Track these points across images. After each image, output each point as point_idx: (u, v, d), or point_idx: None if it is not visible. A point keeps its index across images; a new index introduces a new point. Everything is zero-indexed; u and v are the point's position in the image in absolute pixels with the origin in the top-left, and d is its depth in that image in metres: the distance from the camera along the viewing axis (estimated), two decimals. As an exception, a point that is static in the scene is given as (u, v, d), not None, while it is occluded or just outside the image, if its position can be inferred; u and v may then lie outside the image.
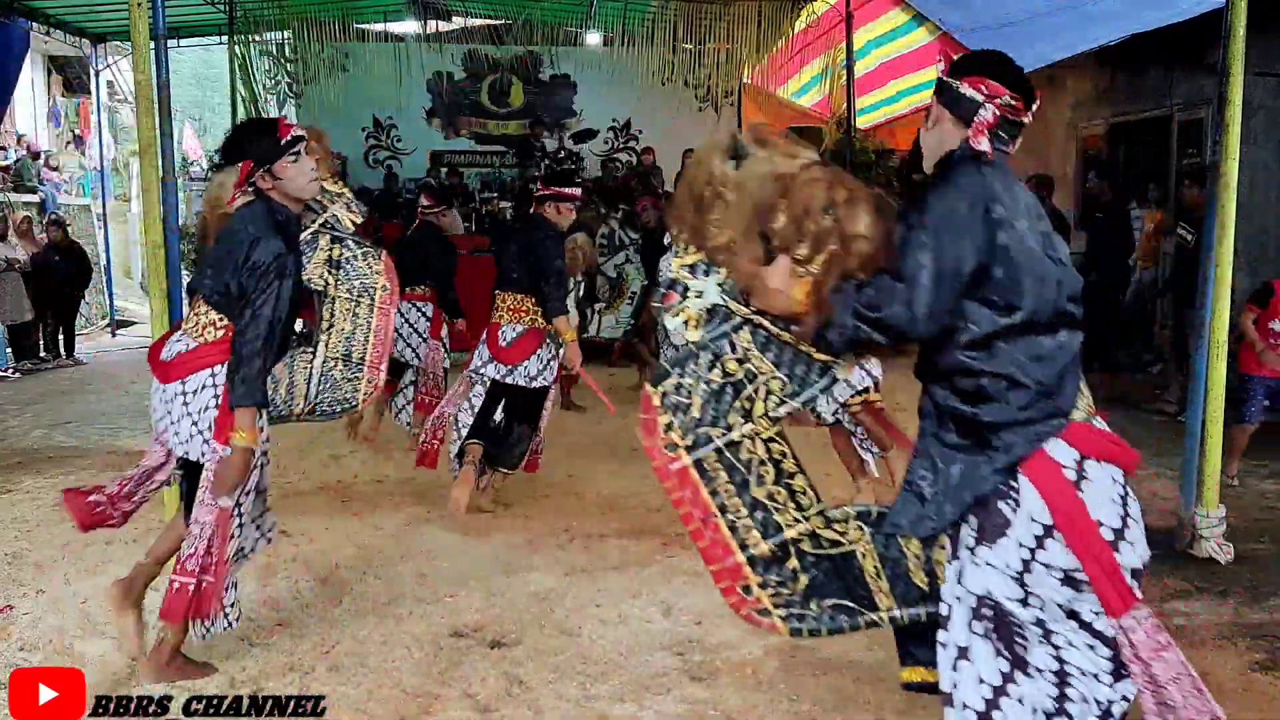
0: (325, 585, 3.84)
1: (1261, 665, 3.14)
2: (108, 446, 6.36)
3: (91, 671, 3.04)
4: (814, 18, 11.46)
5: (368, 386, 3.56)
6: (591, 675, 3.09)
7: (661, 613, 3.58)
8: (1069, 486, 1.81)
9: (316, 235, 3.60)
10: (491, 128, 13.21)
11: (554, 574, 3.95)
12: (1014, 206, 1.85)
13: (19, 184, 13.30)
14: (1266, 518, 4.69)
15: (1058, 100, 11.02)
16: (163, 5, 3.84)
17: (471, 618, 3.53)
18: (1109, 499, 1.82)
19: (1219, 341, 4.02)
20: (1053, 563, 1.83)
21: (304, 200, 3.08)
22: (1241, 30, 3.89)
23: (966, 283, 1.83)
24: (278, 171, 2.93)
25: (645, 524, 4.60)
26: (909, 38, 10.76)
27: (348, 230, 3.62)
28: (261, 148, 2.92)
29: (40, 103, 16.93)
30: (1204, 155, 8.46)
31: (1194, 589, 3.78)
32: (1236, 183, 3.96)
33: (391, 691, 2.97)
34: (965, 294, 1.84)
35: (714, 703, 2.92)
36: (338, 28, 12.22)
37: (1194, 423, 4.12)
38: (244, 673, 3.08)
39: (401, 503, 4.98)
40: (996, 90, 1.94)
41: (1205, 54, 8.25)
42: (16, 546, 4.31)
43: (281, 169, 2.93)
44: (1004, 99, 1.93)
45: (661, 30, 12.18)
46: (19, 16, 10.78)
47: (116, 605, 3.00)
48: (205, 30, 12.20)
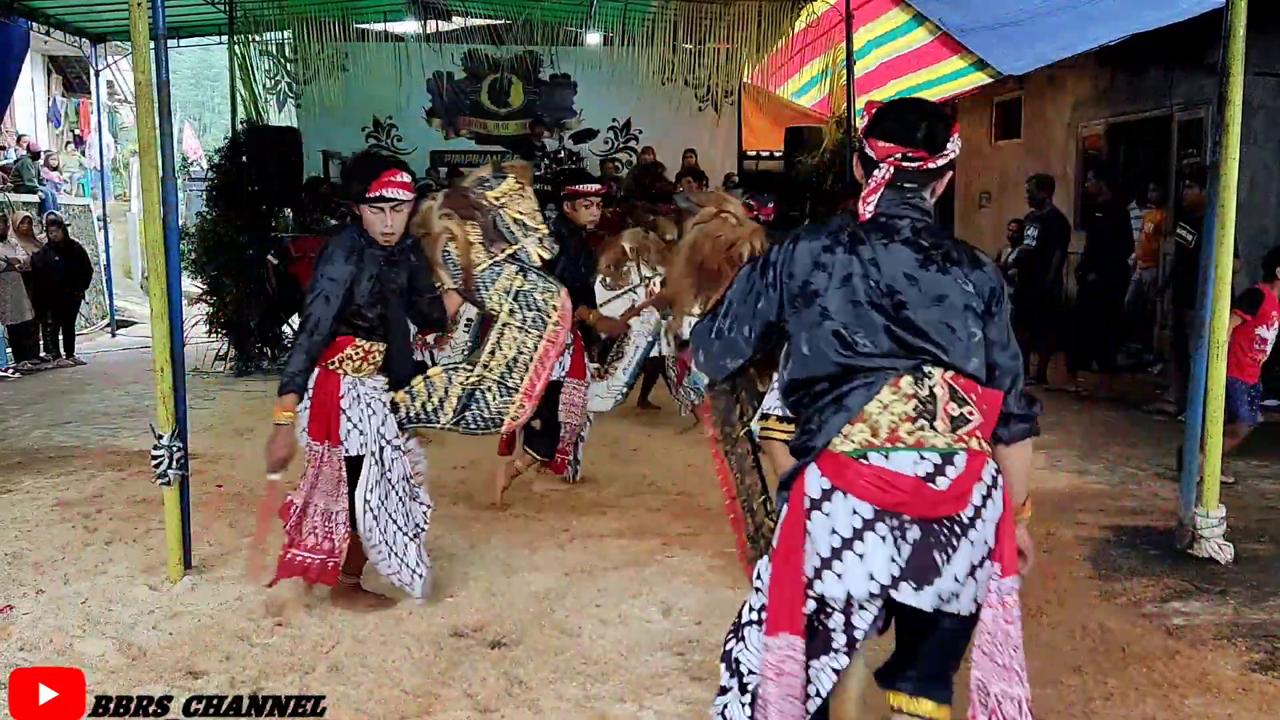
0: (325, 585, 3.84)
1: (1261, 665, 3.14)
2: (108, 446, 6.37)
3: (91, 671, 3.04)
4: (814, 18, 11.45)
5: (517, 410, 3.70)
6: (591, 675, 3.09)
7: (661, 613, 3.58)
8: (794, 509, 2.00)
9: (502, 264, 3.74)
10: (491, 128, 13.21)
11: (554, 574, 3.95)
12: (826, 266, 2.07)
13: (19, 184, 13.30)
14: (1266, 518, 4.69)
15: (1058, 100, 11.02)
16: (163, 5, 3.84)
17: (471, 618, 3.53)
18: (831, 529, 1.95)
19: (1219, 341, 4.02)
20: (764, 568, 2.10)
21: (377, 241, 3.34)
22: (1241, 30, 3.89)
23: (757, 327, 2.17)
24: (360, 210, 3.31)
25: (645, 524, 4.60)
26: (909, 38, 10.75)
27: (534, 264, 3.78)
28: (353, 187, 3.33)
29: (40, 103, 16.95)
30: (1204, 155, 8.45)
31: (1194, 589, 3.78)
32: (1236, 183, 3.97)
33: (391, 691, 2.98)
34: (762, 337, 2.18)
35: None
36: (338, 28, 12.22)
37: (1194, 423, 4.12)
38: (244, 673, 3.08)
39: (401, 503, 4.98)
40: (887, 150, 2.04)
41: (1205, 54, 8.25)
42: (16, 546, 4.31)
43: (361, 210, 3.31)
44: (897, 155, 2.03)
45: (661, 30, 12.18)
46: (19, 16, 10.78)
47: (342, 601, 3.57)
48: (205, 30, 12.20)
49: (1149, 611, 3.57)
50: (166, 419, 3.75)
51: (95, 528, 4.56)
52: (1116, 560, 4.09)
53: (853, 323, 1.99)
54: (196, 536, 4.11)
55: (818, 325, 2.02)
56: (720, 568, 4.01)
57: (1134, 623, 3.46)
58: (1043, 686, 2.97)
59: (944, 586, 1.94)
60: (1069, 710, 2.87)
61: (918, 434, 1.95)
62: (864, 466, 1.95)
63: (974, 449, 1.96)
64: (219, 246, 9.42)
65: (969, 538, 1.95)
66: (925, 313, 1.99)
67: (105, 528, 4.56)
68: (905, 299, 1.99)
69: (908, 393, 1.96)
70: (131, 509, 4.85)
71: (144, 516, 4.66)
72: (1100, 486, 5.24)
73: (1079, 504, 4.90)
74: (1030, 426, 2.08)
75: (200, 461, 5.54)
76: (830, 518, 1.96)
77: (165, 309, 3.74)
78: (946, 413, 1.96)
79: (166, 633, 3.39)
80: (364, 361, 3.38)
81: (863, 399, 1.97)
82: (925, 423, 1.95)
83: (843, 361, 1.99)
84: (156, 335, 3.75)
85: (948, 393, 1.97)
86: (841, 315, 2.00)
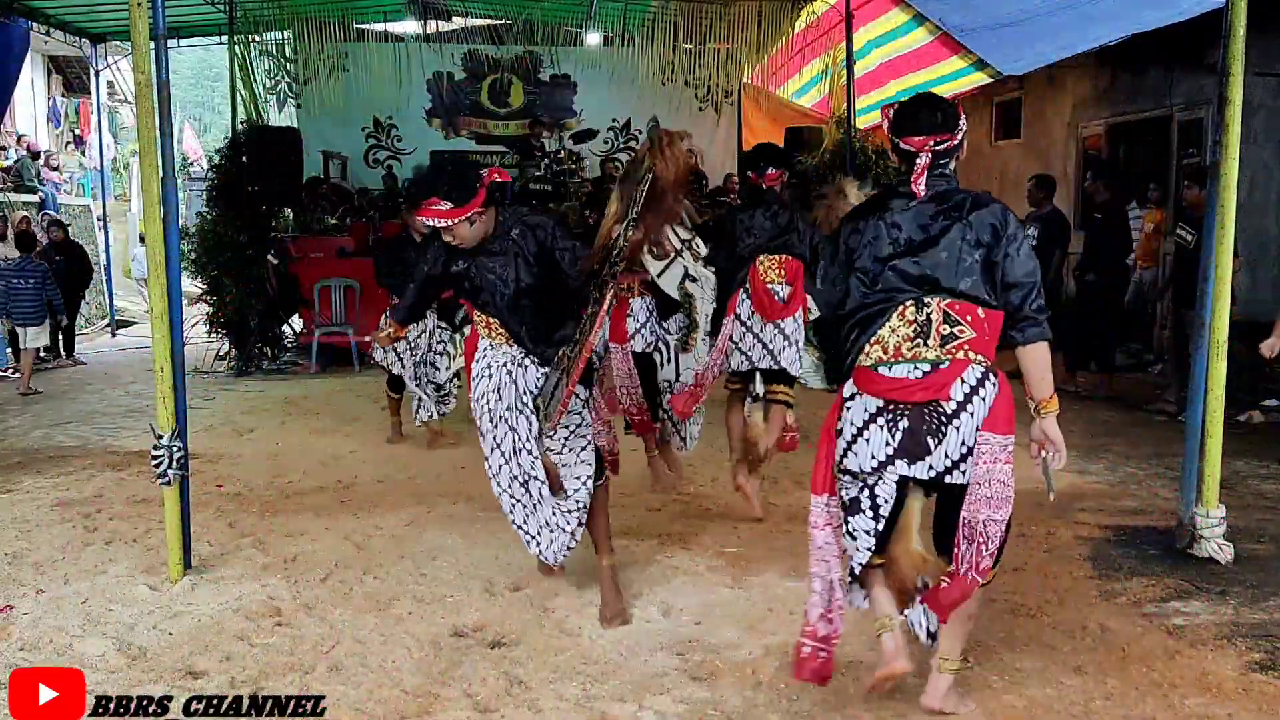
0: (325, 585, 3.84)
1: (1261, 665, 3.14)
2: (108, 446, 6.37)
3: (91, 671, 3.04)
4: (814, 18, 11.45)
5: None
6: (591, 675, 3.09)
7: (661, 613, 3.58)
8: (835, 407, 2.76)
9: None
10: (491, 128, 13.20)
11: (554, 574, 3.94)
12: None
13: (19, 184, 13.29)
14: (1266, 518, 4.69)
15: (1058, 100, 11.02)
16: (163, 5, 3.83)
17: (471, 618, 3.53)
18: (851, 420, 2.69)
19: (1219, 341, 4.02)
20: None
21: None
22: (1241, 30, 3.88)
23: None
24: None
25: (645, 524, 4.60)
26: (909, 38, 10.75)
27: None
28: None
29: (40, 103, 16.94)
30: (1204, 155, 8.45)
31: (1194, 589, 3.78)
32: (1236, 183, 3.96)
33: (391, 691, 2.98)
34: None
35: (714, 703, 2.92)
36: (338, 28, 12.21)
37: (1194, 423, 4.12)
38: (244, 673, 3.08)
39: (401, 503, 4.98)
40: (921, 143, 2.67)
41: (1205, 54, 8.26)
42: (16, 546, 4.31)
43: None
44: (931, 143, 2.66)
45: (661, 30, 12.18)
46: (19, 16, 10.78)
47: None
48: (205, 30, 12.19)
49: (1149, 611, 3.57)
50: (166, 419, 3.75)
51: (95, 528, 4.56)
52: (1116, 560, 4.09)
53: (876, 270, 2.66)
54: (196, 536, 4.10)
55: (854, 273, 2.71)
56: (720, 568, 4.01)
57: (1134, 623, 3.46)
58: (1043, 686, 2.98)
59: (935, 461, 2.59)
60: (1069, 710, 2.86)
61: (914, 350, 2.61)
62: (875, 374, 2.64)
63: (958, 358, 2.58)
64: (219, 246, 9.42)
65: (955, 425, 2.57)
66: (930, 254, 2.61)
67: (105, 528, 4.56)
68: (916, 244, 2.63)
69: (910, 319, 2.62)
70: (131, 509, 4.85)
71: (144, 516, 4.66)
72: (1100, 486, 5.23)
73: (1079, 504, 4.89)
74: (1042, 330, 2.60)
75: (200, 461, 5.54)
76: (851, 412, 2.70)
77: (165, 309, 3.74)
78: (938, 333, 2.60)
79: (166, 633, 3.39)
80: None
81: (878, 325, 2.65)
82: (921, 341, 2.61)
83: (867, 299, 2.67)
84: (156, 335, 3.75)
85: (941, 316, 2.60)
86: (868, 265, 2.68)
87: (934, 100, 2.76)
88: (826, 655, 2.74)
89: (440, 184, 3.32)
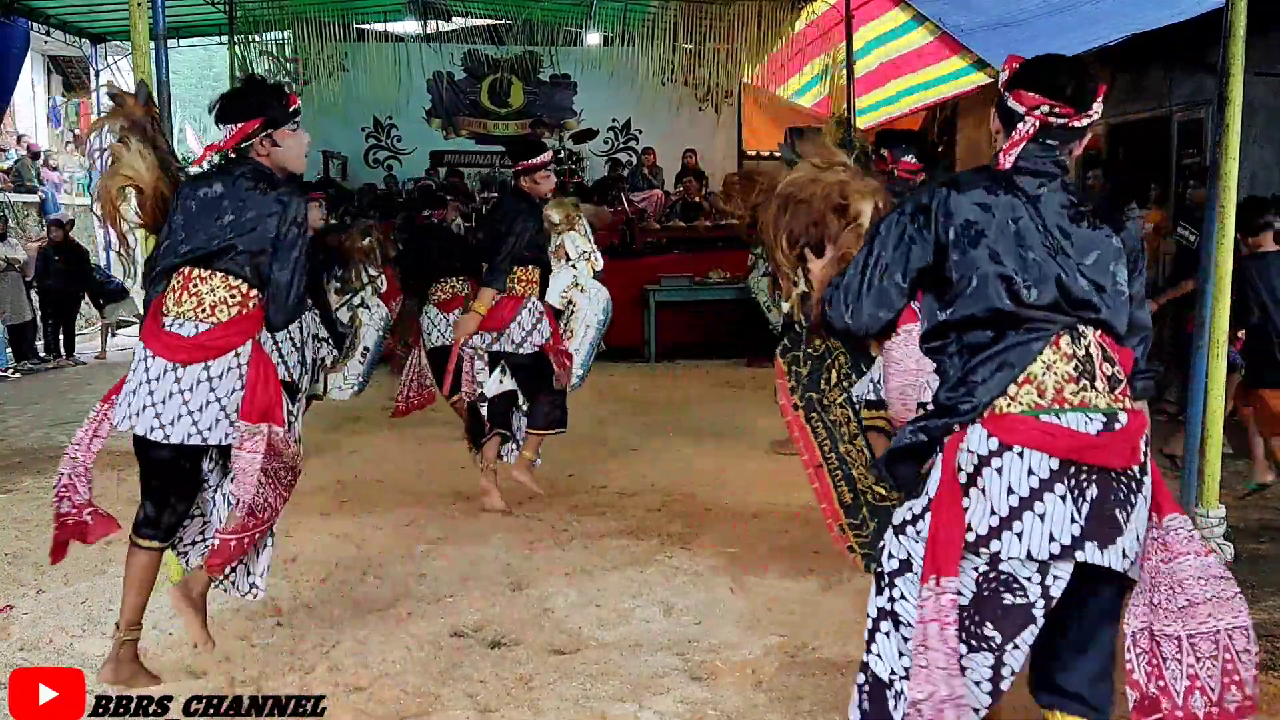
0: (325, 585, 3.84)
1: (1261, 665, 3.12)
2: (108, 446, 6.34)
3: (91, 671, 3.04)
4: (814, 18, 11.44)
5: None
6: (591, 675, 3.09)
7: (661, 613, 3.58)
8: (947, 463, 1.96)
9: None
10: (491, 128, 13.20)
11: (554, 574, 3.95)
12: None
13: (19, 184, 13.28)
14: (1266, 518, 4.69)
15: (1058, 100, 11.01)
16: (163, 5, 3.84)
17: (471, 618, 3.53)
18: (1008, 488, 1.91)
19: (1219, 341, 4.01)
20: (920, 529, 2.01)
21: (291, 173, 3.00)
22: (1241, 30, 3.88)
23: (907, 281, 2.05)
24: (278, 138, 2.91)
25: (645, 524, 4.60)
26: (909, 38, 10.74)
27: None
28: (273, 110, 2.89)
29: (40, 103, 16.92)
30: (1204, 155, 8.44)
31: (1194, 589, 3.77)
32: (1236, 183, 3.96)
33: (391, 691, 2.97)
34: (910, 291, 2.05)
35: (714, 703, 2.92)
36: (338, 28, 12.21)
37: (1194, 423, 4.12)
38: (244, 673, 3.08)
39: (401, 503, 4.98)
40: (1034, 101, 2.01)
41: (1205, 54, 8.24)
42: (16, 546, 4.31)
43: (283, 135, 2.92)
44: (1044, 109, 2.00)
45: (661, 30, 12.17)
46: (19, 16, 10.77)
47: (177, 606, 3.00)
48: (205, 30, 12.20)
49: (1149, 611, 3.56)
50: (166, 419, 3.74)
51: (95, 528, 4.56)
52: (1116, 560, 4.09)
53: (1022, 270, 1.94)
54: (196, 536, 4.10)
55: (985, 267, 1.95)
56: (720, 568, 4.01)
57: (1134, 623, 3.45)
58: (1043, 686, 2.97)
59: (1128, 545, 1.93)
60: (1069, 710, 2.86)
61: (1081, 394, 1.93)
62: (1037, 422, 1.91)
63: (1130, 408, 1.98)
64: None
65: (1143, 493, 1.96)
66: (1085, 265, 1.96)
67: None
68: (1068, 249, 1.96)
69: (1067, 352, 1.95)
70: (131, 509, 4.78)
71: (144, 516, 4.65)
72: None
73: (1079, 504, 4.89)
74: (1149, 386, 2.13)
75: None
76: (1004, 475, 1.91)
77: (165, 309, 3.72)
78: (1103, 373, 1.96)
79: (166, 633, 3.39)
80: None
81: (1026, 356, 1.94)
82: (1086, 383, 1.94)
83: (1008, 310, 1.94)
84: (156, 335, 3.74)
85: (1100, 352, 1.98)
86: (1011, 261, 1.94)
87: (1076, 65, 2.07)
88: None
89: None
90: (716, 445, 6.22)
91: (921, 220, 2.01)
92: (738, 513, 4.76)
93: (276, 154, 2.92)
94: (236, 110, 2.91)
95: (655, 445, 6.21)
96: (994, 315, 1.95)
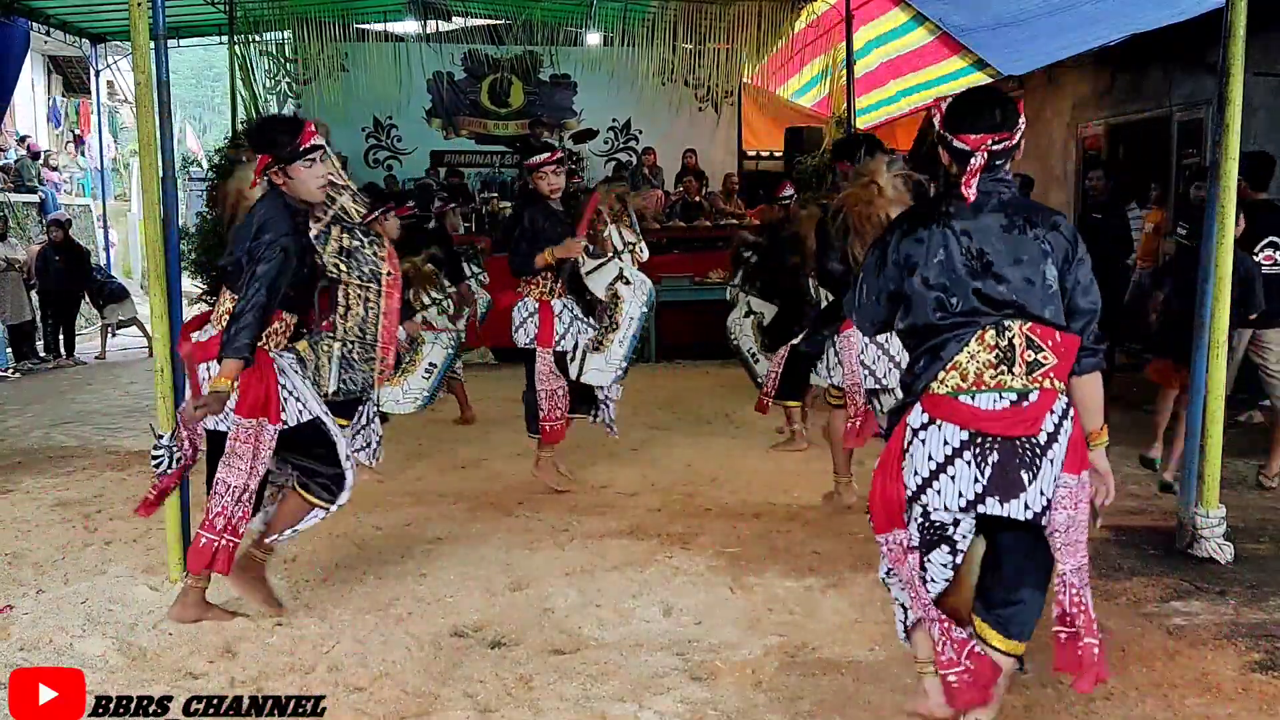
0: (325, 585, 3.84)
1: (1261, 665, 3.14)
2: (108, 446, 6.37)
3: (91, 671, 3.04)
4: (814, 18, 11.46)
5: (380, 365, 3.85)
6: (591, 675, 3.09)
7: (661, 613, 3.58)
8: (897, 436, 2.52)
9: (329, 226, 3.82)
10: (491, 128, 13.19)
11: (554, 574, 3.95)
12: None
13: (19, 184, 13.29)
14: (1266, 518, 4.69)
15: (1058, 100, 11.01)
16: (163, 5, 3.83)
17: (471, 618, 3.53)
18: (929, 454, 2.44)
19: (1219, 341, 4.02)
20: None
21: (309, 202, 3.38)
22: (1241, 30, 3.88)
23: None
24: (291, 171, 3.26)
25: (645, 524, 4.60)
26: (909, 38, 10.75)
27: (354, 220, 3.86)
28: (282, 147, 3.24)
29: (40, 103, 16.93)
30: (1204, 155, 8.44)
31: (1194, 589, 3.78)
32: (1236, 183, 3.96)
33: (391, 691, 2.98)
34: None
35: (714, 703, 2.92)
36: (338, 28, 12.22)
37: (1194, 423, 4.12)
38: (244, 673, 3.08)
39: (401, 503, 4.98)
40: (979, 140, 2.42)
41: (1205, 54, 8.24)
42: (16, 546, 4.31)
43: (295, 170, 3.26)
44: (989, 142, 2.42)
45: (661, 30, 12.18)
46: (19, 16, 10.78)
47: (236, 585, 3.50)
48: (205, 30, 12.20)
49: (1149, 611, 3.57)
50: (166, 419, 3.75)
51: (95, 528, 4.56)
52: (1116, 560, 4.09)
53: (949, 287, 2.42)
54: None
55: (920, 290, 2.45)
56: (720, 568, 4.01)
57: (1134, 623, 3.46)
58: (1043, 686, 2.98)
59: (1031, 498, 2.39)
60: (1069, 710, 2.87)
61: (998, 378, 2.39)
62: (955, 401, 2.41)
63: (1046, 388, 2.39)
64: (219, 246, 9.41)
65: (1049, 457, 2.38)
66: (1010, 270, 2.39)
67: (105, 528, 4.55)
68: (993, 260, 2.41)
69: (990, 343, 2.40)
70: (131, 509, 4.84)
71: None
72: (1100, 486, 5.23)
73: (1079, 504, 4.89)
74: (1098, 360, 2.46)
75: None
76: (927, 444, 2.44)
77: (165, 309, 3.74)
78: (1023, 359, 2.39)
79: (166, 633, 3.39)
80: (283, 336, 3.39)
81: (955, 350, 2.41)
82: (1005, 368, 2.39)
83: (938, 321, 2.43)
84: (156, 335, 3.75)
85: (1024, 342, 2.39)
86: (938, 281, 2.43)
87: (994, 95, 2.58)
88: (979, 675, 2.52)
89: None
90: (716, 445, 6.23)
91: (883, 255, 2.55)
92: (738, 513, 4.76)
93: (290, 185, 3.29)
94: (253, 143, 3.36)
95: (655, 445, 6.21)
96: (927, 323, 2.45)
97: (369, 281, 3.81)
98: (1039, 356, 2.38)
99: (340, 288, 3.81)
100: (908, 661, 3.12)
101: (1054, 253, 2.40)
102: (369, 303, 3.80)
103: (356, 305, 3.80)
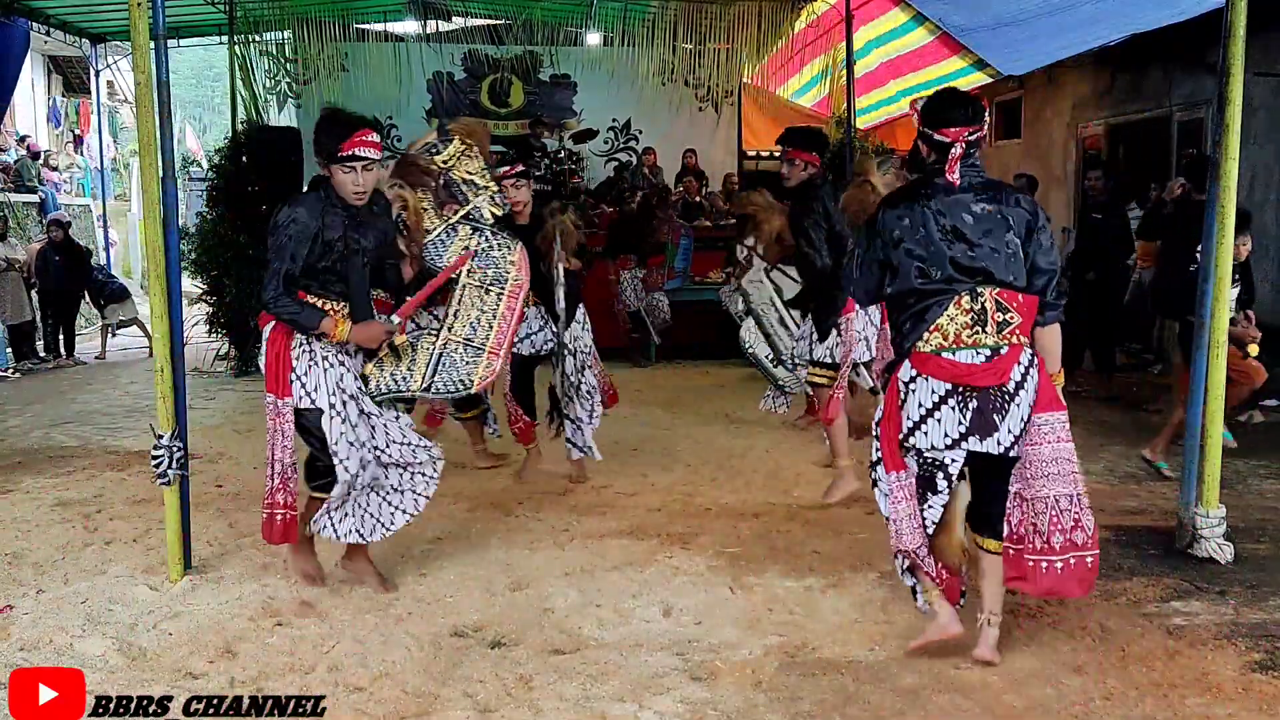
0: (325, 585, 3.84)
1: (1261, 665, 3.14)
2: (108, 446, 6.37)
3: (91, 671, 3.04)
4: (814, 18, 11.44)
5: (485, 370, 3.78)
6: (591, 675, 3.09)
7: (661, 613, 3.58)
8: (892, 390, 3.05)
9: (457, 225, 3.84)
10: (491, 128, 13.17)
11: (554, 574, 3.95)
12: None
13: (19, 184, 13.29)
14: (1266, 518, 4.69)
15: (1058, 100, 11.03)
16: (163, 5, 3.83)
17: (471, 618, 3.53)
18: (919, 402, 2.96)
19: (1219, 341, 4.02)
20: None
21: (347, 202, 3.43)
22: (1241, 30, 3.88)
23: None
24: (331, 170, 3.40)
25: (645, 524, 4.60)
26: (909, 38, 10.75)
27: (488, 222, 3.88)
28: (324, 146, 3.37)
29: (40, 103, 16.92)
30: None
31: (1194, 589, 3.78)
32: (1236, 183, 3.96)
33: (391, 691, 2.98)
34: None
35: (714, 703, 2.92)
36: (338, 28, 12.19)
37: (1194, 423, 4.12)
38: (244, 673, 3.08)
39: (401, 503, 4.97)
40: (957, 133, 2.95)
41: (1205, 54, 8.25)
42: (16, 546, 4.31)
43: (334, 170, 3.39)
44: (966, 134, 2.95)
45: (661, 30, 12.16)
46: (19, 16, 10.77)
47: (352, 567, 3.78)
48: (205, 30, 12.18)
49: (1149, 611, 3.57)
50: (166, 419, 3.75)
51: (95, 528, 4.56)
52: (1116, 560, 4.09)
53: (929, 258, 2.92)
54: (196, 536, 4.10)
55: (905, 261, 2.94)
56: (720, 568, 4.01)
57: (1134, 623, 3.46)
58: (1042, 686, 2.98)
59: (1002, 436, 2.91)
60: (1069, 710, 2.87)
61: (974, 336, 2.91)
62: (939, 358, 2.92)
63: (1014, 343, 2.91)
64: (219, 246, 9.42)
65: (1018, 400, 2.91)
66: (980, 240, 2.90)
67: (105, 528, 4.55)
68: (965, 233, 2.90)
69: (966, 307, 2.91)
70: (131, 509, 4.84)
71: (144, 516, 4.66)
72: (1100, 486, 5.23)
73: (1079, 504, 4.89)
74: (1058, 313, 2.98)
75: (200, 461, 5.54)
76: (918, 394, 2.97)
77: (165, 309, 3.74)
78: (994, 320, 2.90)
79: (166, 633, 3.39)
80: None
81: (936, 314, 2.92)
82: (979, 329, 2.90)
83: (920, 286, 2.93)
84: (156, 335, 3.75)
85: (994, 305, 2.90)
86: (920, 252, 2.93)
87: (963, 94, 3.07)
88: (952, 585, 3.12)
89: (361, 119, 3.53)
90: (716, 445, 6.23)
91: (873, 230, 3.04)
92: (738, 513, 4.76)
93: (333, 182, 3.42)
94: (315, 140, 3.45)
95: (655, 445, 6.21)
96: (911, 288, 2.94)
97: (490, 284, 3.79)
98: (1007, 317, 2.90)
99: (456, 288, 3.79)
100: (908, 661, 3.14)
101: (1015, 225, 2.91)
102: (484, 305, 3.78)
103: (469, 307, 3.77)
